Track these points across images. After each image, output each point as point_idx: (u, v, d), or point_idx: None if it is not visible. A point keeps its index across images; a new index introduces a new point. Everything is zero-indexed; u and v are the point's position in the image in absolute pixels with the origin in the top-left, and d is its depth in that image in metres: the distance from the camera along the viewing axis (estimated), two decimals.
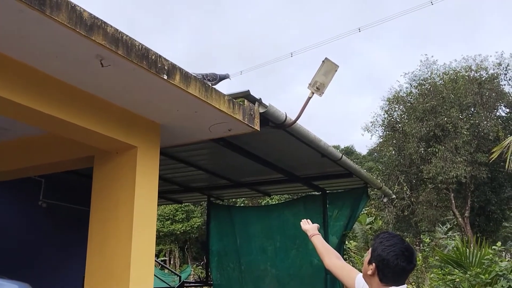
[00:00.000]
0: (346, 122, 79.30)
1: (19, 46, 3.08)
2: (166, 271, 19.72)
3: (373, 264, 2.44)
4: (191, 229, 26.90)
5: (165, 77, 3.49)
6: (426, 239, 14.79)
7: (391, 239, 2.46)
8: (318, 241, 3.21)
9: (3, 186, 6.40)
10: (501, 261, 8.32)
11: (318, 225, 3.37)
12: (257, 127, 4.57)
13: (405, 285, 2.49)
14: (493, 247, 7.95)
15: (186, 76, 3.70)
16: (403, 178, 19.58)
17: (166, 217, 27.06)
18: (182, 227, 26.67)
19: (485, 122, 18.24)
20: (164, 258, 28.80)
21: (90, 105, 3.77)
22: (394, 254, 2.38)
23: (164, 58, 3.51)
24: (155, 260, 18.69)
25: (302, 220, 3.42)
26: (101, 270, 4.09)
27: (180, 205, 26.08)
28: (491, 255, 7.67)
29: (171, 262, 29.22)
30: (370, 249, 2.53)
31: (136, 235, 3.99)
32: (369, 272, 2.47)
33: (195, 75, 3.89)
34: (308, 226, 3.34)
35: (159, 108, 4.07)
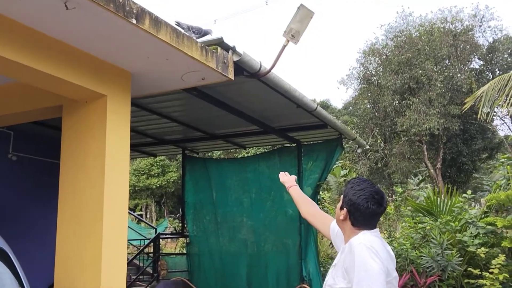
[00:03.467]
0: (322, 76, 79.01)
1: None
2: (142, 224, 19.84)
3: (345, 209, 2.49)
4: (167, 184, 26.87)
5: (134, 21, 3.35)
6: (399, 189, 15.08)
7: (361, 183, 2.50)
8: (295, 192, 3.25)
9: None
10: (471, 210, 8.54)
11: (295, 176, 3.39)
12: (231, 75, 4.48)
13: (377, 229, 2.53)
14: (464, 195, 8.14)
15: (156, 21, 3.56)
16: (377, 130, 19.78)
17: (142, 172, 26.95)
18: (158, 181, 26.62)
19: (459, 75, 18.36)
20: (141, 212, 28.89)
21: (56, 52, 3.62)
22: (364, 198, 2.42)
23: (132, 1, 3.36)
24: (132, 214, 18.77)
25: (280, 173, 3.43)
26: (72, 222, 4.04)
27: (155, 159, 26.10)
28: (461, 203, 7.85)
29: (148, 216, 29.34)
30: (341, 196, 2.57)
31: (108, 185, 3.93)
32: (341, 217, 2.51)
33: (180, 24, 3.75)
34: (286, 178, 3.36)
35: (129, 55, 3.94)
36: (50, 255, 4.21)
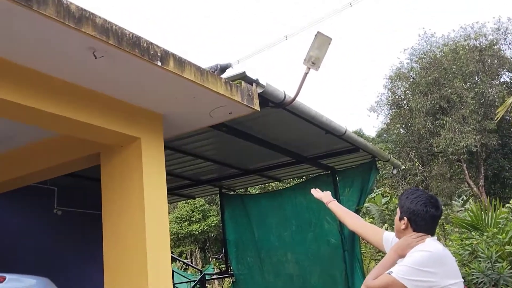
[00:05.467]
0: (351, 106, 78.61)
1: (10, 47, 3.15)
2: (189, 271, 19.85)
3: (405, 218, 2.62)
4: (209, 228, 26.93)
5: (159, 63, 3.54)
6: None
7: (415, 192, 2.67)
8: (335, 206, 3.32)
9: (19, 196, 6.53)
10: None
11: (329, 192, 3.45)
12: (257, 107, 4.61)
13: (436, 237, 2.64)
14: (507, 205, 7.94)
15: (180, 61, 3.74)
16: (413, 154, 19.57)
17: (183, 219, 27.13)
18: (199, 227, 26.72)
19: (490, 89, 18.15)
20: (186, 260, 28.91)
21: (91, 100, 3.83)
22: (422, 203, 2.56)
23: (156, 45, 3.55)
24: (178, 259, 18.77)
25: (312, 189, 3.50)
26: (117, 268, 4.11)
27: (195, 205, 26.26)
28: (506, 214, 7.66)
29: (193, 263, 29.34)
30: (397, 208, 2.71)
31: (149, 229, 4.01)
32: (402, 227, 2.63)
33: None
34: (321, 194, 3.43)
35: (157, 96, 4.12)
36: None
